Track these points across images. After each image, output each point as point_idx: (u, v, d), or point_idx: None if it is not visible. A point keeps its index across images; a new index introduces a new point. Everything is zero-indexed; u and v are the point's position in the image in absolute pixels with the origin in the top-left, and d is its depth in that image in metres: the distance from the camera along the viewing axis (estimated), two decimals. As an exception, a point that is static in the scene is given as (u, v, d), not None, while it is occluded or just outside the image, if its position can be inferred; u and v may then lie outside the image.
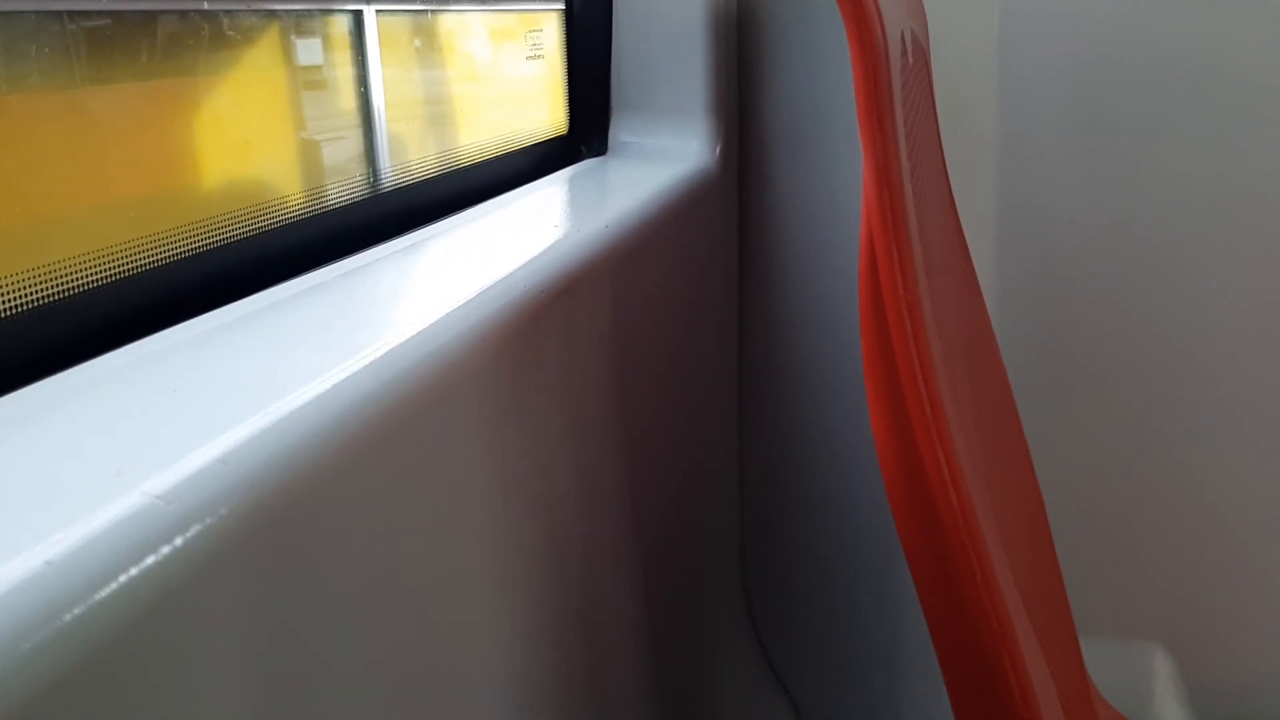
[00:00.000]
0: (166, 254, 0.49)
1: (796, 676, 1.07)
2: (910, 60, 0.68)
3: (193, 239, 0.51)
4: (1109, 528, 1.12)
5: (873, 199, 0.43)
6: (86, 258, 0.45)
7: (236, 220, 0.54)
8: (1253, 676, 1.13)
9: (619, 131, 0.91)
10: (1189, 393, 1.09)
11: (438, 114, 0.77)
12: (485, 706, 0.49)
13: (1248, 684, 1.13)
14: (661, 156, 0.87)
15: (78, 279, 0.44)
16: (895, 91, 0.49)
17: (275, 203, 0.57)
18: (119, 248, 0.46)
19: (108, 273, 0.46)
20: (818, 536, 1.03)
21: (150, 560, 0.28)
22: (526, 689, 0.53)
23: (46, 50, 0.44)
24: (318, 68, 0.63)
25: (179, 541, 0.29)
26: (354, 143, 0.66)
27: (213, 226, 0.52)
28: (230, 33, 0.54)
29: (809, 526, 1.02)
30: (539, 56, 0.88)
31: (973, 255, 0.96)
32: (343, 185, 0.63)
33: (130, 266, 0.47)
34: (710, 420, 0.92)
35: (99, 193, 0.47)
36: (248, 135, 0.57)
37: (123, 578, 0.27)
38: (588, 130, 0.90)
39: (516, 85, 0.88)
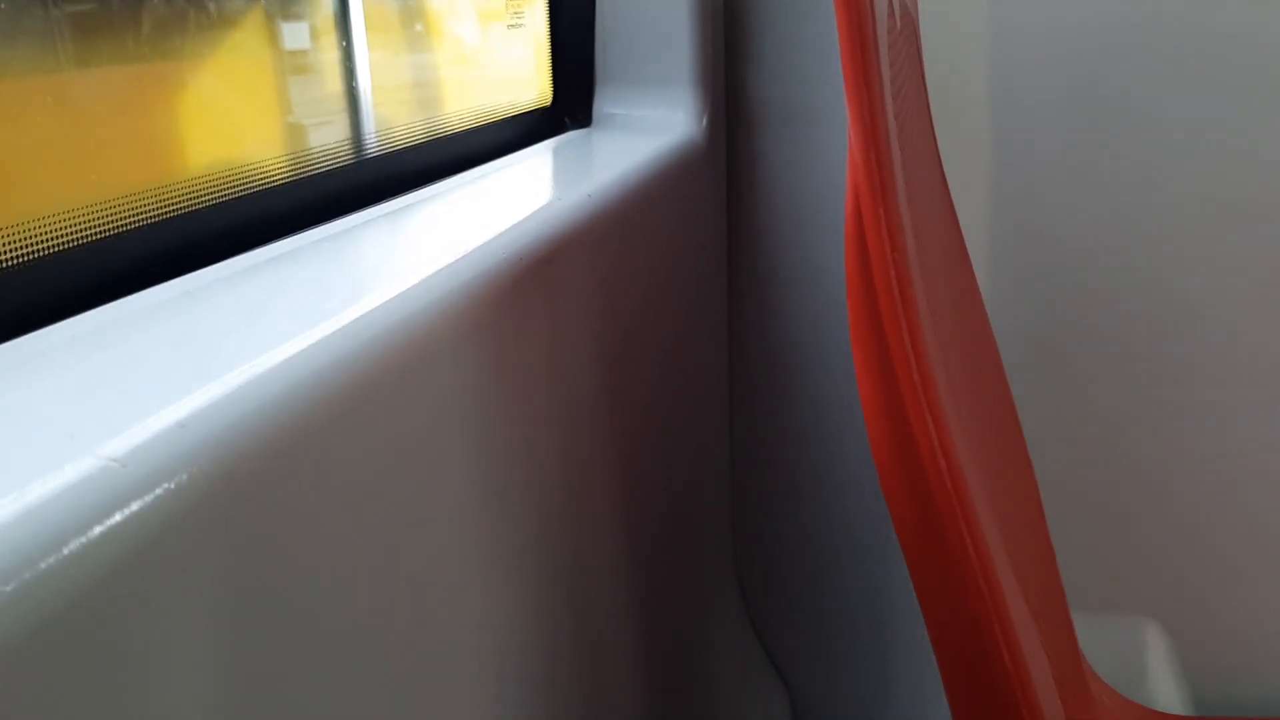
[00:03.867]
0: (136, 218, 0.48)
1: (789, 657, 1.07)
2: (899, 25, 0.66)
3: (165, 203, 0.49)
4: (1102, 502, 1.11)
5: (858, 157, 0.42)
6: (54, 221, 0.43)
7: (212, 185, 0.52)
8: (1246, 652, 1.12)
9: (603, 103, 0.89)
10: (1184, 368, 1.08)
11: (417, 81, 0.75)
12: (467, 689, 0.48)
13: (1241, 659, 1.12)
14: (647, 128, 0.86)
15: (45, 242, 0.43)
16: (882, 51, 0.47)
17: (251, 168, 0.55)
18: (89, 210, 0.45)
19: (75, 237, 0.44)
20: (810, 515, 1.02)
21: (98, 530, 0.27)
22: (512, 670, 0.52)
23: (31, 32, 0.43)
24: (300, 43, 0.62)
25: (135, 506, 0.28)
26: (336, 108, 0.64)
27: (187, 191, 0.51)
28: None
29: (802, 505, 1.02)
30: (519, 25, 0.86)
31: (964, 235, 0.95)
32: (322, 151, 0.61)
33: (98, 230, 0.46)
34: (700, 396, 0.91)
35: (66, 151, 0.46)
36: (225, 98, 0.55)
37: (73, 544, 0.26)
38: (571, 101, 0.89)
39: (498, 52, 0.86)
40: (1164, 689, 1.08)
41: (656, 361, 0.76)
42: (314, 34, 0.63)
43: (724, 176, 0.93)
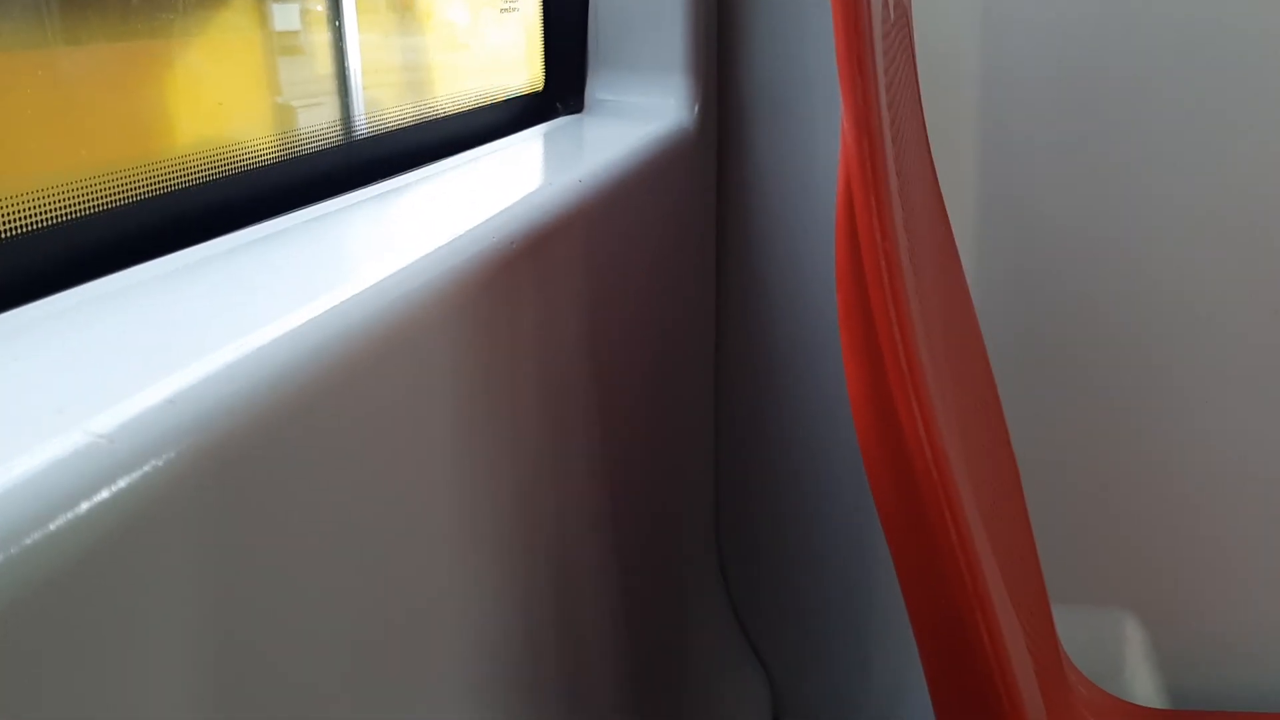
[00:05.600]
0: (126, 195, 0.47)
1: (771, 645, 1.07)
2: (892, 16, 0.66)
3: (155, 180, 0.49)
4: (1081, 495, 1.12)
5: (851, 145, 0.42)
6: (43, 196, 0.43)
7: (202, 163, 0.52)
8: (1223, 645, 1.13)
9: (596, 89, 0.89)
10: (1167, 361, 1.09)
11: (408, 64, 0.75)
12: (449, 671, 0.48)
13: (1218, 652, 1.13)
14: (639, 115, 0.86)
15: (34, 217, 0.42)
16: (876, 38, 0.47)
17: (241, 146, 0.55)
18: (79, 186, 0.45)
19: (65, 212, 0.44)
20: (794, 504, 1.02)
21: (85, 506, 0.27)
22: (495, 656, 0.52)
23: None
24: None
25: (122, 483, 0.28)
26: (326, 89, 0.64)
27: (177, 168, 0.50)
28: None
29: (785, 493, 1.02)
30: (512, 9, 0.86)
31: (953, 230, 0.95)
32: (312, 132, 0.61)
33: (88, 206, 0.45)
34: (686, 383, 0.91)
35: (55, 128, 0.45)
36: (215, 77, 0.55)
37: (60, 520, 0.26)
38: (564, 87, 0.89)
39: (491, 36, 0.86)
40: (1141, 681, 1.09)
41: (644, 347, 0.76)
42: (304, 15, 0.62)
43: (715, 164, 0.93)
